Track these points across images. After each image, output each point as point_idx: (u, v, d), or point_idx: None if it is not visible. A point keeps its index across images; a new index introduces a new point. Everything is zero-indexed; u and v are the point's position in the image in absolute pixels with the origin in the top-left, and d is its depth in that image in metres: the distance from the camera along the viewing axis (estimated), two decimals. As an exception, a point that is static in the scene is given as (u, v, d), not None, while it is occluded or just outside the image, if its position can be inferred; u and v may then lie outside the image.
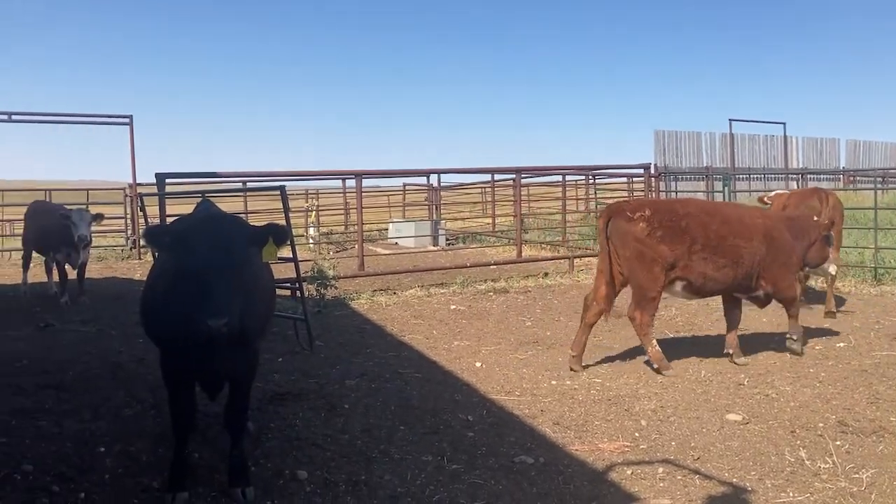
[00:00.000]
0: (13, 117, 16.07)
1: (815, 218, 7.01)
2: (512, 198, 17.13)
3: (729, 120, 25.44)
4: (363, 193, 12.09)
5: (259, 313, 3.89)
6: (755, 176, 24.65)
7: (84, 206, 11.25)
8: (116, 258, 15.97)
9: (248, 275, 3.57)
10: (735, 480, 4.05)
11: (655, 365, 6.20)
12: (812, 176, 24.79)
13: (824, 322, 8.08)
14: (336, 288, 9.84)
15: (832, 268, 7.10)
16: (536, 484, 4.04)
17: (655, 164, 20.41)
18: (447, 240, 18.35)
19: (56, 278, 10.34)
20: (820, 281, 9.45)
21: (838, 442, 4.56)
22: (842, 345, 7.10)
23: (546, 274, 12.03)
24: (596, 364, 6.57)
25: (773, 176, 25.05)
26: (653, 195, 14.37)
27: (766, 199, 9.02)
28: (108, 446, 4.51)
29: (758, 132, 26.45)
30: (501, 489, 3.97)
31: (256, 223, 3.91)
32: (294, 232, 8.39)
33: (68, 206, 10.53)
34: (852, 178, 25.03)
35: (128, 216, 17.51)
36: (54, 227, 9.83)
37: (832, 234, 6.92)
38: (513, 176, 15.82)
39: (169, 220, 4.72)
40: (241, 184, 13.67)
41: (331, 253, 14.61)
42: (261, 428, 4.84)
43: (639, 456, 4.43)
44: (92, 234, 10.18)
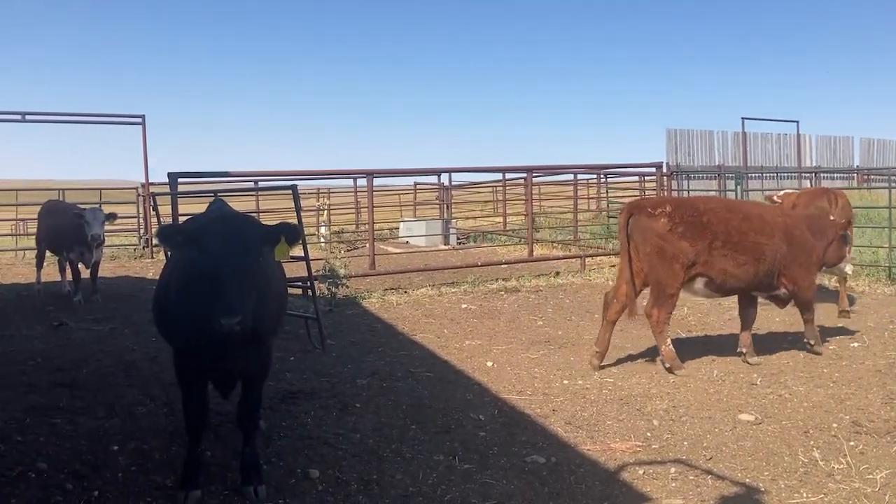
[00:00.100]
0: (27, 117, 16.14)
1: (832, 217, 6.98)
2: (523, 197, 17.10)
3: (741, 118, 25.30)
4: (374, 192, 12.11)
5: (271, 312, 3.90)
6: (768, 175, 24.49)
7: (97, 206, 11.30)
8: (129, 257, 16.07)
9: (261, 274, 3.58)
10: (748, 481, 4.03)
11: (667, 364, 6.18)
12: (826, 175, 24.61)
13: (838, 321, 8.03)
14: (347, 287, 9.86)
15: (848, 267, 7.08)
16: (548, 483, 4.03)
17: (667, 163, 20.29)
18: (458, 239, 18.34)
19: (69, 277, 10.42)
20: (833, 280, 9.39)
21: (852, 442, 4.54)
22: (856, 345, 7.05)
23: (557, 273, 12.02)
24: (608, 364, 6.55)
25: (786, 175, 24.91)
26: (665, 194, 14.29)
27: (776, 198, 8.97)
28: (122, 444, 4.54)
29: (770, 130, 26.30)
30: (513, 489, 3.97)
31: (268, 222, 3.93)
32: (306, 231, 8.40)
33: (82, 206, 10.58)
34: (866, 177, 24.83)
35: (140, 215, 17.62)
36: (68, 227, 9.89)
37: (849, 234, 6.89)
38: (524, 175, 15.81)
39: (181, 220, 4.73)
40: (253, 183, 13.74)
41: (342, 252, 14.62)
42: (273, 426, 4.86)
43: (651, 456, 4.41)
44: (105, 234, 10.24)
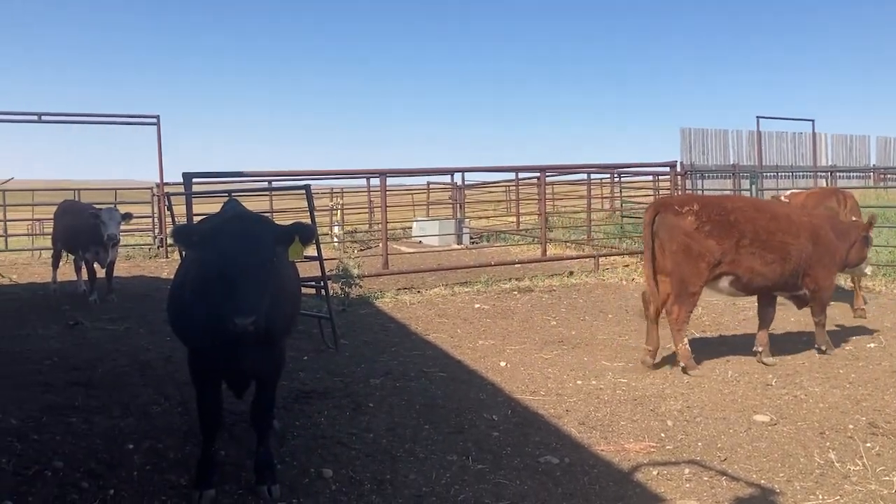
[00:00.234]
0: (43, 118, 16.23)
1: (855, 218, 6.95)
2: (536, 196, 17.07)
3: (756, 117, 25.20)
4: (387, 192, 12.12)
5: (285, 312, 3.90)
6: (783, 174, 24.34)
7: (113, 206, 11.37)
8: (144, 257, 16.15)
9: (275, 273, 3.59)
10: (763, 482, 4.00)
11: (682, 363, 6.15)
12: (842, 174, 24.42)
13: (854, 322, 7.96)
14: (361, 286, 9.88)
15: (868, 268, 7.05)
16: (562, 484, 4.02)
17: (682, 163, 20.24)
18: (471, 238, 18.32)
19: (85, 277, 10.48)
20: (848, 280, 9.31)
21: (868, 444, 4.50)
22: (873, 345, 6.99)
23: (571, 273, 11.98)
24: (622, 364, 6.53)
25: (802, 174, 24.75)
26: (679, 194, 14.22)
27: (784, 198, 8.91)
28: (137, 443, 4.57)
29: (786, 129, 26.16)
30: (526, 489, 3.96)
31: (282, 222, 3.94)
32: (319, 231, 8.42)
33: (97, 206, 10.65)
34: (882, 176, 24.63)
35: (155, 215, 17.70)
36: (83, 226, 9.95)
37: (871, 235, 6.86)
38: (537, 174, 15.78)
39: (196, 220, 4.75)
40: (267, 183, 13.79)
41: (355, 251, 14.64)
42: (286, 426, 4.87)
43: (665, 456, 4.39)
44: (120, 233, 10.30)
